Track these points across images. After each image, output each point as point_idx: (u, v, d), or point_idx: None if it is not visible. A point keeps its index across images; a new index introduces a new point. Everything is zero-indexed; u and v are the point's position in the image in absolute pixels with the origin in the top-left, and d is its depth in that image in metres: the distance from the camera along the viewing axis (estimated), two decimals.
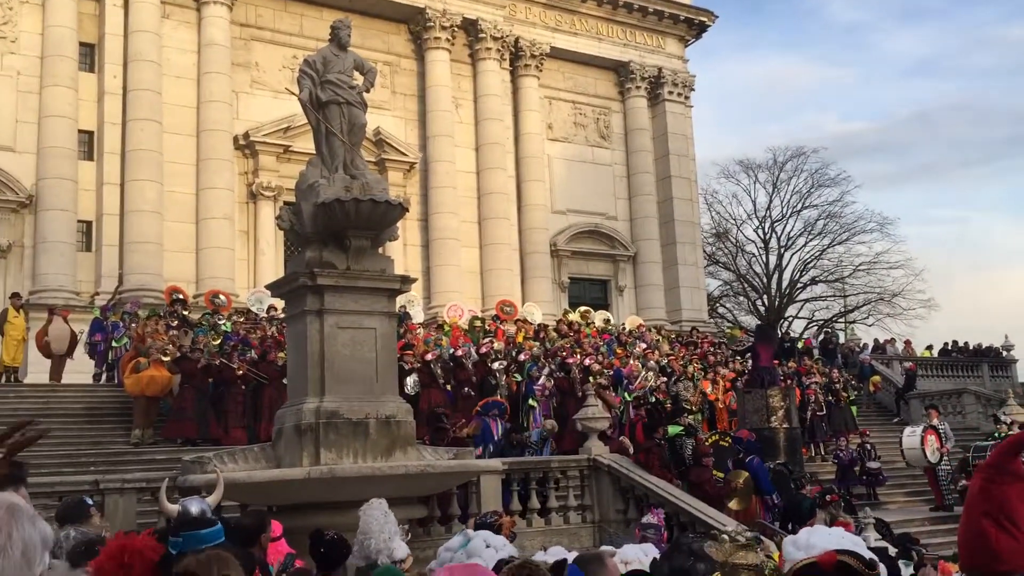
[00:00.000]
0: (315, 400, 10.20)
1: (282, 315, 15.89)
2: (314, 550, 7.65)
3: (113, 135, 23.62)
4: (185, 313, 20.14)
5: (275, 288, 11.52)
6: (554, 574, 3.77)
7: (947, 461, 17.97)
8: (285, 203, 24.04)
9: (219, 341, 17.87)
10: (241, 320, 20.71)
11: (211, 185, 24.31)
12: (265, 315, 21.04)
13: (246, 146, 25.46)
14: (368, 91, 11.21)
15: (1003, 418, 18.91)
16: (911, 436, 18.05)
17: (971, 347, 32.60)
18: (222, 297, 21.97)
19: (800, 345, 29.47)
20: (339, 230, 10.41)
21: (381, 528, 6.44)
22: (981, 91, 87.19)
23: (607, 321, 27.40)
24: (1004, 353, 32.25)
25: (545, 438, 16.02)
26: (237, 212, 25.02)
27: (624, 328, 26.24)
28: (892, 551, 9.98)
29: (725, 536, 5.17)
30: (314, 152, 11.21)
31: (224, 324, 19.64)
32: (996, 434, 18.51)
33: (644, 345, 23.49)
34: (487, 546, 6.49)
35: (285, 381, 12.59)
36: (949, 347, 32.68)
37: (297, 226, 10.75)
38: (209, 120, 24.59)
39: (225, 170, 24.67)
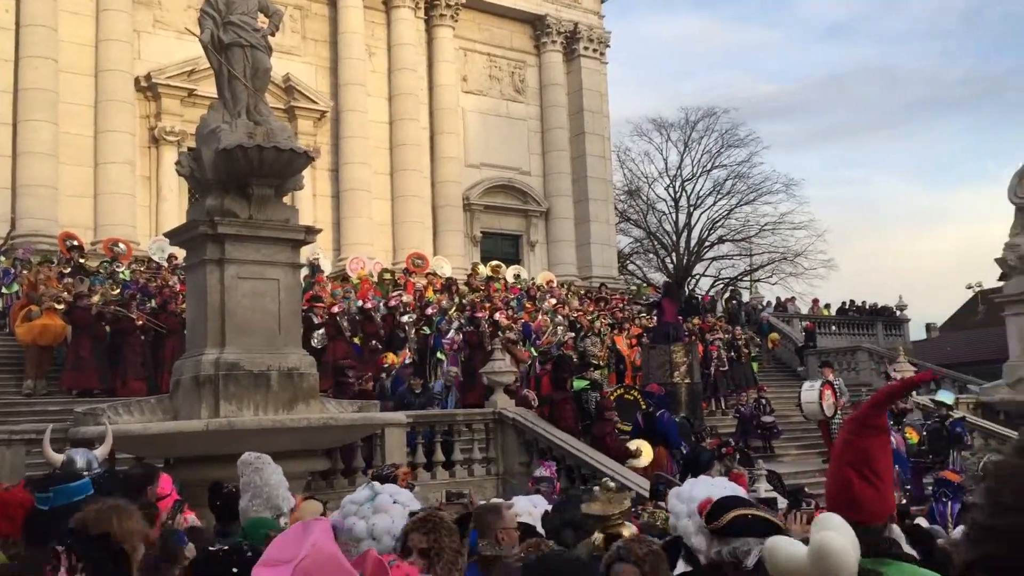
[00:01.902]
0: (215, 351, 10.00)
1: (183, 263, 15.48)
2: (212, 503, 7.54)
3: (4, 72, 22.45)
4: (81, 261, 19.43)
5: (175, 236, 11.21)
6: (459, 525, 3.78)
7: (840, 415, 18.67)
8: (189, 150, 23.32)
9: (118, 290, 17.30)
10: (142, 269, 20.09)
11: (111, 128, 23.36)
12: (167, 264, 20.45)
13: (148, 88, 24.52)
14: (273, 35, 10.89)
15: (893, 374, 19.70)
16: (809, 391, 18.66)
17: (867, 306, 33.81)
18: (122, 245, 21.27)
19: (701, 301, 30.14)
20: (241, 178, 10.15)
21: (281, 479, 6.36)
22: (892, 55, 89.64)
23: (518, 276, 27.51)
24: (898, 312, 33.51)
25: (449, 386, 16.05)
26: (139, 157, 24.15)
27: (535, 283, 26.40)
28: (782, 502, 10.37)
29: (596, 490, 5.29)
30: (216, 90, 10.86)
31: (123, 272, 19.02)
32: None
33: (554, 300, 23.68)
34: (394, 502, 6.48)
35: (186, 331, 12.31)
36: (846, 306, 33.84)
37: (197, 172, 10.44)
38: (108, 59, 23.56)
39: (126, 113, 23.72)
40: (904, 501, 11.26)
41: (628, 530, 4.76)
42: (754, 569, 3.46)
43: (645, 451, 13.44)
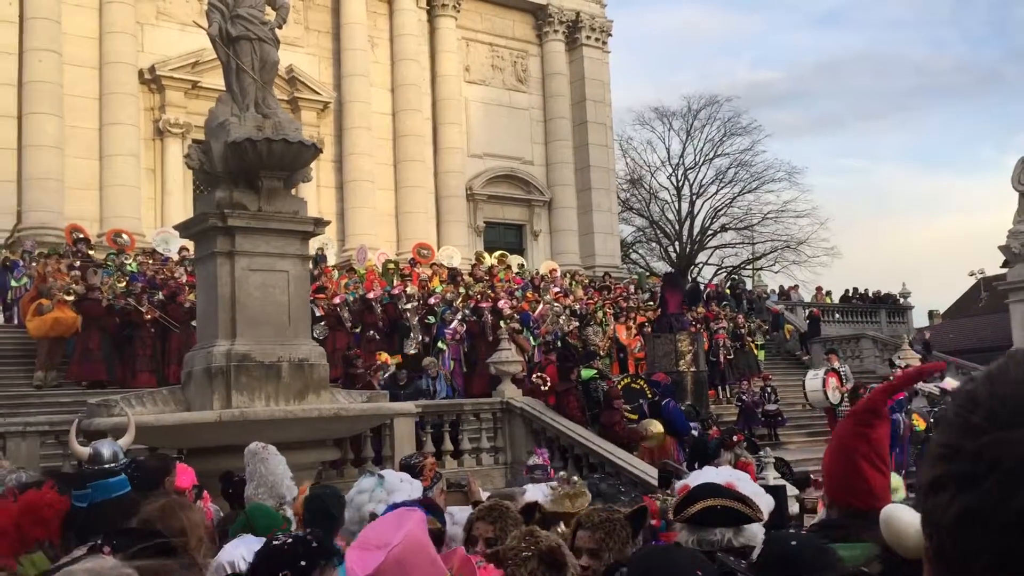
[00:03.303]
0: (226, 343, 10.08)
1: (192, 256, 15.55)
2: (224, 491, 7.64)
3: (9, 65, 22.49)
4: (90, 253, 19.50)
5: (184, 229, 11.27)
6: (524, 515, 3.85)
7: (847, 402, 18.75)
8: (194, 141, 23.32)
9: (124, 283, 17.38)
10: (149, 261, 20.16)
11: (115, 120, 23.41)
12: (175, 256, 20.52)
13: (152, 80, 24.54)
14: (280, 27, 10.93)
15: (897, 362, 19.77)
16: (814, 379, 18.77)
17: (870, 294, 33.85)
18: (125, 236, 21.32)
19: (705, 290, 30.20)
20: (250, 170, 10.21)
21: (285, 468, 6.45)
22: (886, 42, 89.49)
23: (521, 266, 27.57)
24: (901, 300, 33.54)
25: (433, 377, 16.10)
26: (143, 149, 24.19)
27: (538, 273, 26.46)
28: (791, 489, 10.46)
29: (553, 486, 5.37)
30: (224, 88, 10.91)
31: (130, 264, 19.09)
32: (891, 378, 19.40)
33: (557, 290, 23.74)
34: (401, 480, 6.59)
35: (195, 324, 12.39)
36: (850, 294, 33.87)
37: (206, 165, 10.50)
38: (112, 52, 23.59)
39: (130, 105, 23.76)
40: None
41: None
42: (735, 551, 3.49)
43: (656, 429, 13.50)
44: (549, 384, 14.49)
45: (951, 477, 0.85)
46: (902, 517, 1.76)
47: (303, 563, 2.62)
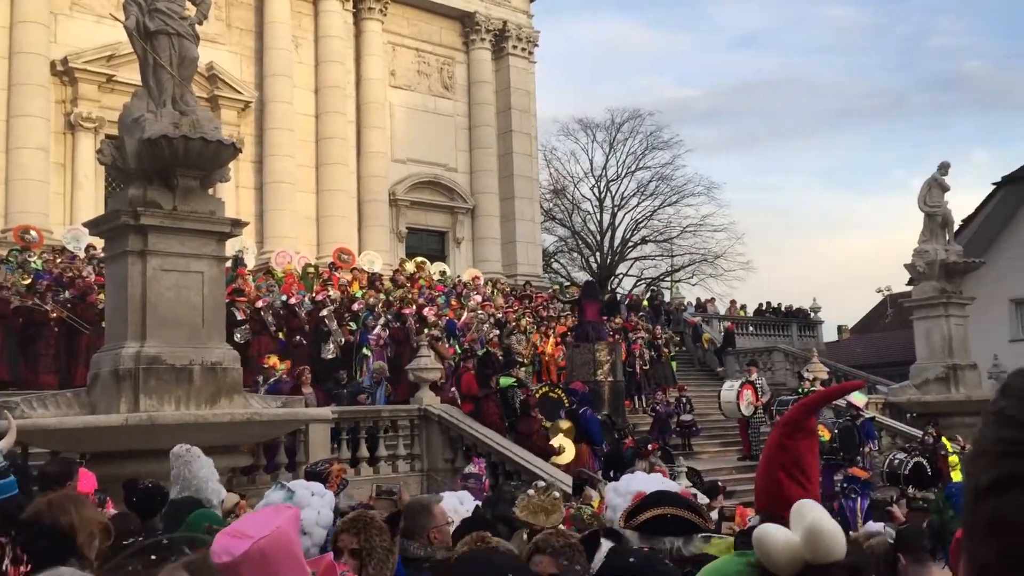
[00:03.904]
0: (135, 344, 9.81)
1: (102, 254, 15.08)
2: (128, 499, 7.39)
3: None
4: None
5: (94, 226, 10.93)
6: (389, 524, 3.79)
7: (761, 414, 19.16)
8: (107, 136, 22.67)
9: (29, 280, 16.74)
10: (56, 260, 19.47)
11: (24, 112, 22.56)
12: (83, 254, 19.87)
13: (64, 73, 23.75)
14: (201, 23, 10.72)
15: (806, 375, 20.30)
16: (729, 391, 19.14)
17: (783, 308, 34.73)
18: (33, 233, 20.57)
19: (625, 301, 30.58)
20: (166, 168, 9.97)
21: (211, 471, 6.30)
22: (804, 66, 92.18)
23: (443, 273, 27.49)
24: (812, 314, 34.49)
25: (378, 381, 15.97)
26: (53, 143, 23.37)
27: (461, 280, 26.41)
28: (701, 498, 10.63)
29: (530, 494, 5.39)
30: (140, 84, 10.62)
31: (34, 262, 18.40)
32: (800, 389, 19.91)
33: (479, 297, 23.73)
34: (312, 494, 6.48)
35: (105, 325, 12.01)
36: (763, 308, 34.70)
37: (120, 162, 10.21)
38: (23, 42, 22.74)
39: (40, 97, 22.94)
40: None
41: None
42: (686, 560, 3.58)
43: (568, 448, 13.62)
44: (464, 392, 14.50)
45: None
46: (774, 536, 1.81)
47: (153, 557, 2.57)
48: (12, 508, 3.65)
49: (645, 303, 30.72)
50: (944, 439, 15.97)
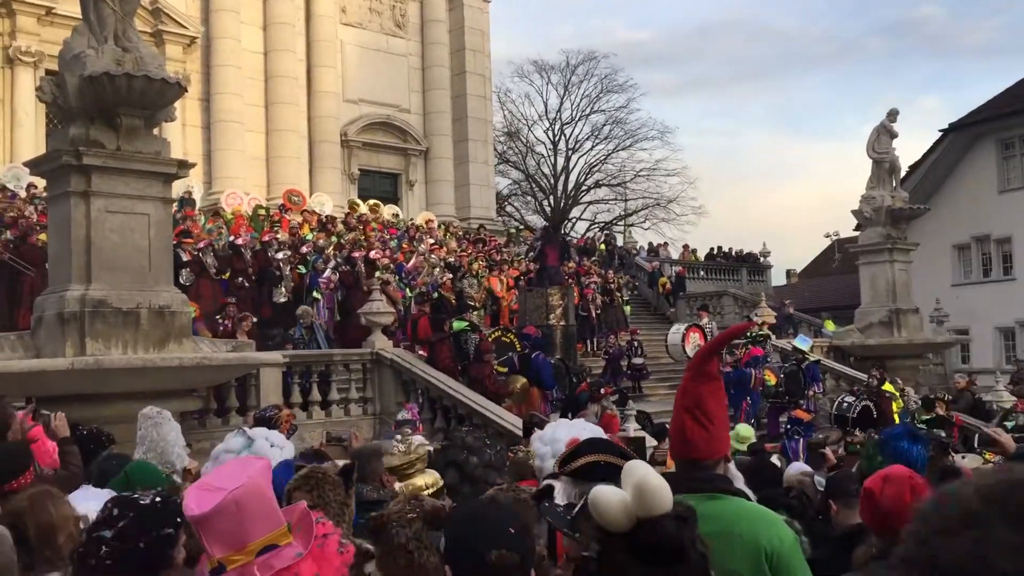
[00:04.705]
0: (80, 287, 9.63)
1: (44, 194, 14.70)
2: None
3: None
4: None
5: (35, 166, 10.64)
6: (343, 477, 3.80)
7: None
8: (47, 72, 21.93)
9: None
10: None
11: None
12: (24, 193, 19.33)
13: (1, 5, 22.86)
14: None
15: (754, 318, 20.65)
16: (675, 334, 19.43)
17: (733, 253, 35.12)
18: None
19: (576, 244, 30.68)
20: (109, 107, 9.70)
21: (178, 436, 6.25)
22: (756, 9, 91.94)
23: (396, 215, 27.28)
24: (761, 259, 34.95)
25: (308, 325, 15.76)
26: None
27: (413, 223, 26.24)
28: (650, 440, 10.84)
29: (395, 443, 5.44)
30: (81, 17, 10.26)
31: None
32: (749, 332, 20.25)
33: (432, 241, 23.62)
34: (271, 445, 6.48)
35: (48, 267, 11.75)
36: (714, 252, 35.05)
37: (60, 100, 9.89)
38: None
39: None
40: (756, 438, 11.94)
41: (424, 478, 4.95)
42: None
43: (521, 386, 13.71)
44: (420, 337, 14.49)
45: None
46: (607, 496, 1.92)
47: (179, 519, 2.58)
48: None
49: (601, 247, 30.83)
50: (887, 384, 16.40)
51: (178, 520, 2.61)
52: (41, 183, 14.25)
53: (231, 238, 18.21)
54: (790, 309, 25.13)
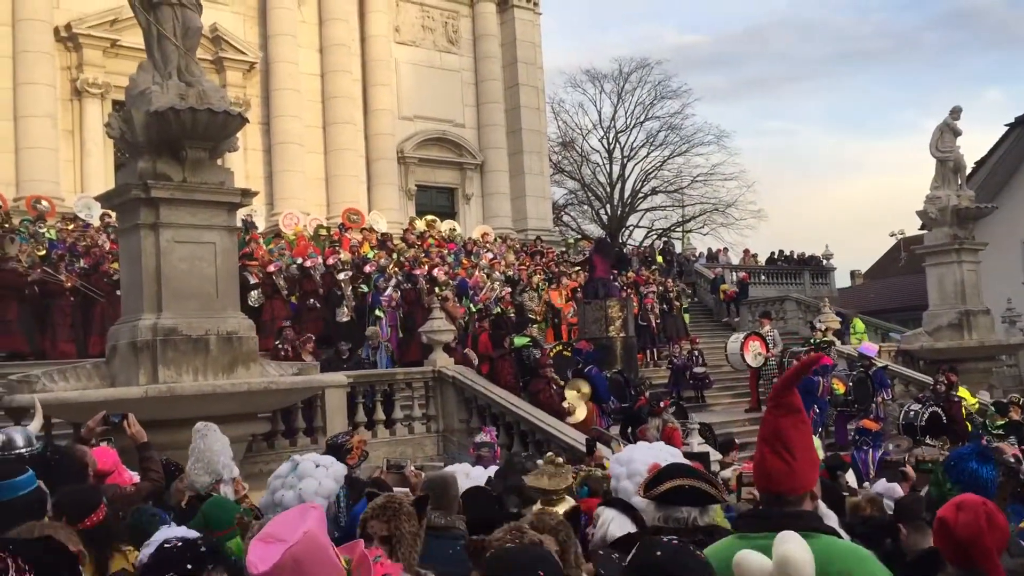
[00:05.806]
0: (152, 316, 9.92)
1: (115, 223, 15.15)
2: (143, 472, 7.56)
3: None
4: (6, 220, 18.82)
5: (106, 200, 11.00)
6: (416, 507, 3.89)
7: (772, 365, 19.22)
8: (114, 103, 22.62)
9: (43, 251, 16.86)
10: (69, 228, 19.56)
11: (30, 80, 22.51)
12: (97, 223, 19.93)
13: (68, 39, 23.64)
14: None
15: (817, 324, 20.33)
16: (734, 342, 19.22)
17: (795, 256, 34.62)
18: (44, 203, 20.64)
19: (634, 253, 30.51)
20: (174, 140, 9.99)
21: (225, 447, 6.48)
22: (809, 7, 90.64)
23: (453, 230, 27.50)
24: (824, 261, 34.39)
25: (375, 347, 16.04)
26: (60, 110, 23.33)
27: (471, 237, 26.41)
28: (714, 454, 10.76)
29: (540, 463, 5.50)
30: (144, 49, 10.60)
31: (47, 231, 18.50)
32: (812, 340, 19.96)
33: (490, 255, 23.75)
34: (316, 466, 6.66)
35: (120, 294, 12.12)
36: (775, 256, 34.59)
37: (128, 135, 10.22)
38: (26, 8, 22.60)
39: (45, 64, 22.86)
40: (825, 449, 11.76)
41: (566, 505, 4.98)
42: (700, 530, 3.70)
43: (579, 408, 13.72)
44: (476, 359, 14.59)
45: None
46: (750, 562, 1.96)
47: (189, 566, 2.72)
48: (33, 506, 3.73)
49: (659, 258, 30.65)
50: (962, 389, 16.01)
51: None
52: (113, 212, 14.68)
53: (298, 260, 18.56)
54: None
